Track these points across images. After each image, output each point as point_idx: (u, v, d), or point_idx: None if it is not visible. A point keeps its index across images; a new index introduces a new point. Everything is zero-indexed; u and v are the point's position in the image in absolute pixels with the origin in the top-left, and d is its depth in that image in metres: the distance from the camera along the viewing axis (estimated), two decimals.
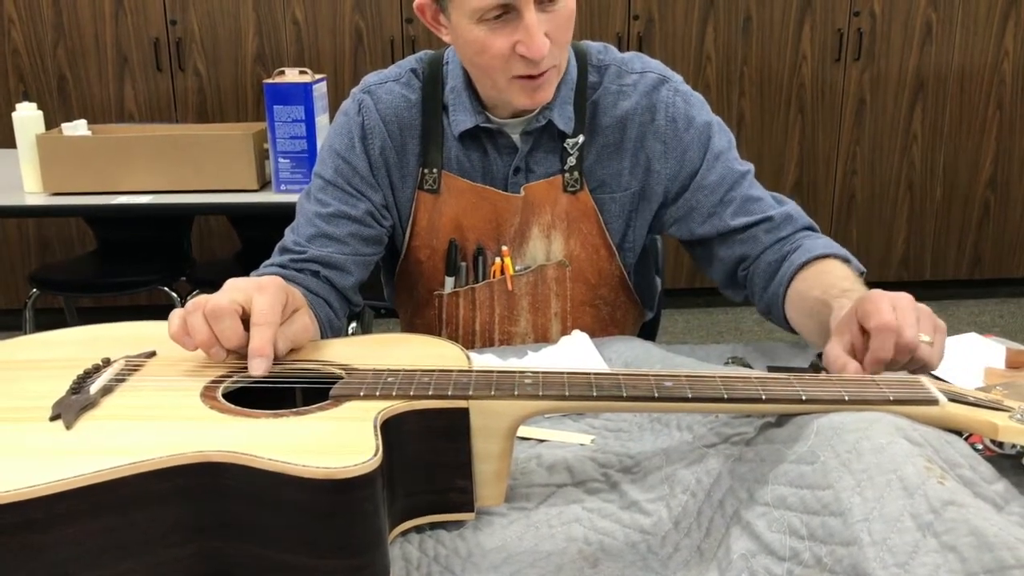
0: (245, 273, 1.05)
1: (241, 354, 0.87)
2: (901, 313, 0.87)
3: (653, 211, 1.31)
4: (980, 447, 0.83)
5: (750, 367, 1.15)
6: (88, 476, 0.65)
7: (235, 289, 0.89)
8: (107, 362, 0.86)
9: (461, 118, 1.25)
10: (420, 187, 1.28)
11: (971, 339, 1.19)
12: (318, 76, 2.37)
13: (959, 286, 3.86)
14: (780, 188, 3.12)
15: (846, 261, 1.17)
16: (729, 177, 1.26)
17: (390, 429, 0.75)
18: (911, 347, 0.86)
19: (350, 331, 2.33)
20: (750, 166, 1.30)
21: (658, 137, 1.26)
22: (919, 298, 0.90)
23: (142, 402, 0.79)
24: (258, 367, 0.84)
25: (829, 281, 1.11)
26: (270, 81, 2.31)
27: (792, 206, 1.28)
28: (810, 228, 1.27)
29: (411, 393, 0.78)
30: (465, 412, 0.78)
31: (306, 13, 3.45)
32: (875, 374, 0.86)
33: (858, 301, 0.91)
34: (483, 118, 1.24)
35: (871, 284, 1.19)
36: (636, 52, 1.31)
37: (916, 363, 0.87)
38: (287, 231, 1.27)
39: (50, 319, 2.90)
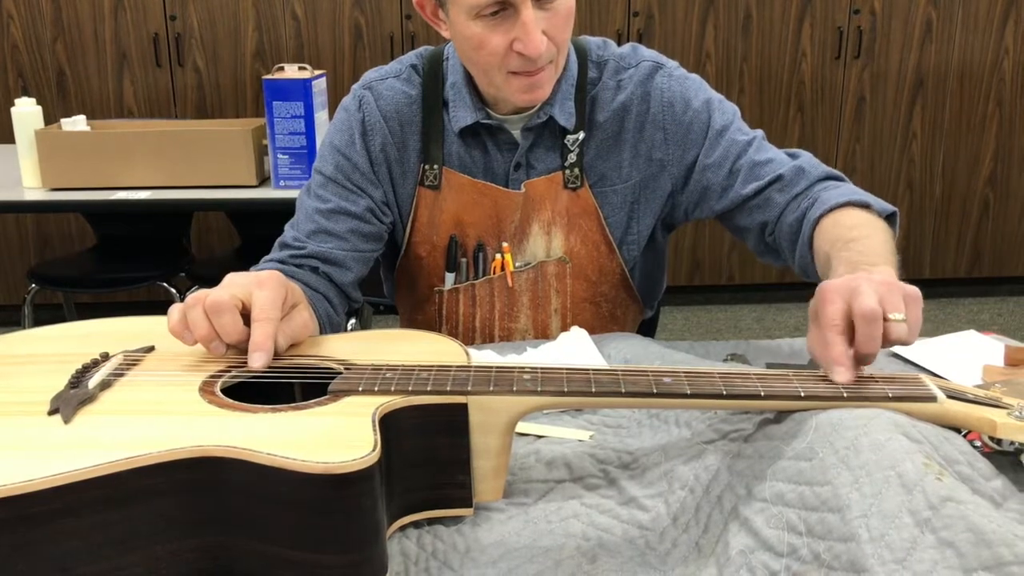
0: (244, 269, 1.05)
1: (240, 349, 0.87)
2: (857, 299, 0.80)
3: (660, 201, 1.30)
4: (978, 444, 0.83)
5: (749, 364, 1.14)
6: (86, 470, 0.65)
7: (234, 284, 0.89)
8: (105, 357, 0.86)
9: (461, 114, 1.24)
10: (421, 183, 1.28)
11: (970, 336, 1.19)
12: (317, 72, 2.37)
13: (958, 284, 3.87)
14: None
15: (866, 207, 1.12)
16: (734, 149, 1.24)
17: (389, 424, 0.75)
18: (868, 319, 0.78)
19: (348, 327, 2.33)
20: (756, 133, 1.27)
21: (657, 125, 1.26)
22: None
23: (140, 397, 0.79)
24: (258, 361, 0.84)
25: (837, 234, 1.07)
26: (269, 77, 2.31)
27: (806, 159, 1.24)
28: (830, 177, 1.22)
29: (410, 388, 0.78)
30: (464, 408, 0.78)
31: (305, 9, 3.44)
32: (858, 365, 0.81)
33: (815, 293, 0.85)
34: (483, 114, 1.24)
35: None
36: (633, 44, 1.31)
37: (890, 342, 0.81)
38: (287, 227, 1.26)
39: (49, 315, 2.90)
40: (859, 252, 0.99)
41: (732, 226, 1.29)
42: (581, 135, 1.26)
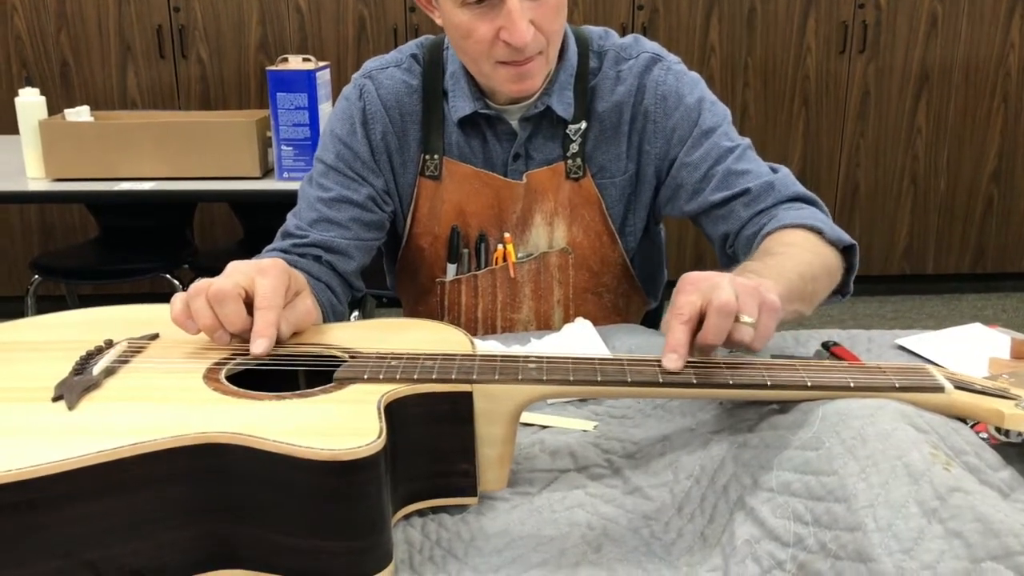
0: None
1: (244, 338, 0.87)
2: (716, 292, 0.79)
3: (650, 193, 1.29)
4: (985, 435, 0.82)
5: (754, 355, 1.14)
6: (91, 456, 0.65)
7: (237, 272, 0.89)
8: (109, 344, 0.86)
9: (460, 104, 1.24)
10: (421, 173, 1.28)
11: (976, 329, 1.19)
12: (321, 63, 2.36)
13: (962, 280, 3.85)
14: None
15: (818, 232, 1.11)
16: (714, 152, 1.22)
17: (394, 412, 0.74)
18: (722, 311, 0.79)
19: (351, 319, 2.33)
20: (743, 141, 1.25)
21: (648, 117, 1.25)
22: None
23: (145, 383, 0.79)
24: (260, 347, 0.84)
25: (764, 247, 1.06)
26: (273, 68, 2.30)
27: (781, 176, 1.22)
28: (800, 199, 1.20)
29: (415, 377, 0.77)
30: (469, 396, 0.77)
31: (309, 1, 3.44)
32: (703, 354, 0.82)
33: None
34: (482, 104, 1.24)
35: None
36: (635, 35, 1.30)
37: (733, 342, 0.81)
38: (289, 216, 1.26)
39: (52, 306, 2.88)
40: (764, 265, 0.98)
41: (702, 231, 1.27)
42: (583, 125, 1.25)
